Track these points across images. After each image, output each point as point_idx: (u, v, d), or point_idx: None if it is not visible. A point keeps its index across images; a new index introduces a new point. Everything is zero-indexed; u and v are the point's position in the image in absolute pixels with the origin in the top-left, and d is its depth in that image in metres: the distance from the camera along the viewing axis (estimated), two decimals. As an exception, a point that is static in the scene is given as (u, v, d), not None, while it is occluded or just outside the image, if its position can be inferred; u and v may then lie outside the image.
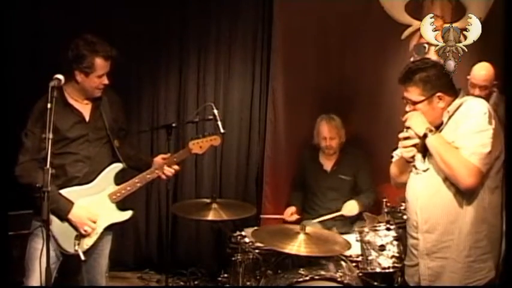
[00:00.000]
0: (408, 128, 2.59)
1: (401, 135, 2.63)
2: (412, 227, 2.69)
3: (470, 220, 2.50)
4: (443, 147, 2.50)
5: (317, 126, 4.33)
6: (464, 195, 2.51)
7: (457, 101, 2.57)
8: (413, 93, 2.58)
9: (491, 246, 2.52)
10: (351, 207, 4.12)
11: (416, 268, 2.67)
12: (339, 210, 4.15)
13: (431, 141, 2.52)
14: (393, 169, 2.85)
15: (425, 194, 2.62)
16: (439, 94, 2.55)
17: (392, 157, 2.88)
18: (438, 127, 2.60)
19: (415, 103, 2.59)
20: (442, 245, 2.56)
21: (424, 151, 2.61)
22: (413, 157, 2.61)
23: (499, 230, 2.53)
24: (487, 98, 3.44)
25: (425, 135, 2.53)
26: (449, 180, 2.52)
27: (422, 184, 2.63)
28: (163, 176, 3.28)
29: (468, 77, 4.05)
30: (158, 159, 3.30)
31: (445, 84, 2.58)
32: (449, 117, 2.57)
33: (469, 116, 2.50)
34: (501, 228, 2.53)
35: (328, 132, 4.26)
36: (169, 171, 3.26)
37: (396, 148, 2.83)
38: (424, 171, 2.62)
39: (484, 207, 2.51)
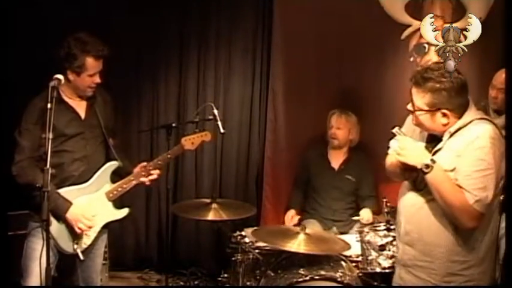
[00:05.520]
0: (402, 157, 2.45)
1: (395, 158, 2.52)
2: (397, 233, 2.67)
3: (458, 247, 2.39)
4: (444, 186, 2.36)
5: (328, 118, 4.37)
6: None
7: (460, 122, 2.41)
8: (419, 97, 2.42)
9: (479, 275, 2.42)
10: (368, 216, 4.04)
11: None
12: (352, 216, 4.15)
13: (430, 179, 2.38)
14: (391, 163, 2.64)
15: (411, 206, 2.52)
16: (444, 111, 2.40)
17: (389, 147, 2.64)
18: (433, 136, 2.50)
19: (416, 108, 2.45)
20: (418, 263, 2.48)
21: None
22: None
23: (494, 255, 2.45)
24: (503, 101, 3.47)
25: (421, 170, 2.39)
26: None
27: (411, 195, 2.54)
28: (147, 182, 3.27)
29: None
30: (137, 168, 3.25)
31: (455, 105, 2.40)
32: (450, 137, 2.43)
33: (472, 148, 2.35)
34: (497, 253, 2.46)
35: (336, 122, 4.30)
36: (147, 180, 3.25)
37: (393, 137, 2.62)
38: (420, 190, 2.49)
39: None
